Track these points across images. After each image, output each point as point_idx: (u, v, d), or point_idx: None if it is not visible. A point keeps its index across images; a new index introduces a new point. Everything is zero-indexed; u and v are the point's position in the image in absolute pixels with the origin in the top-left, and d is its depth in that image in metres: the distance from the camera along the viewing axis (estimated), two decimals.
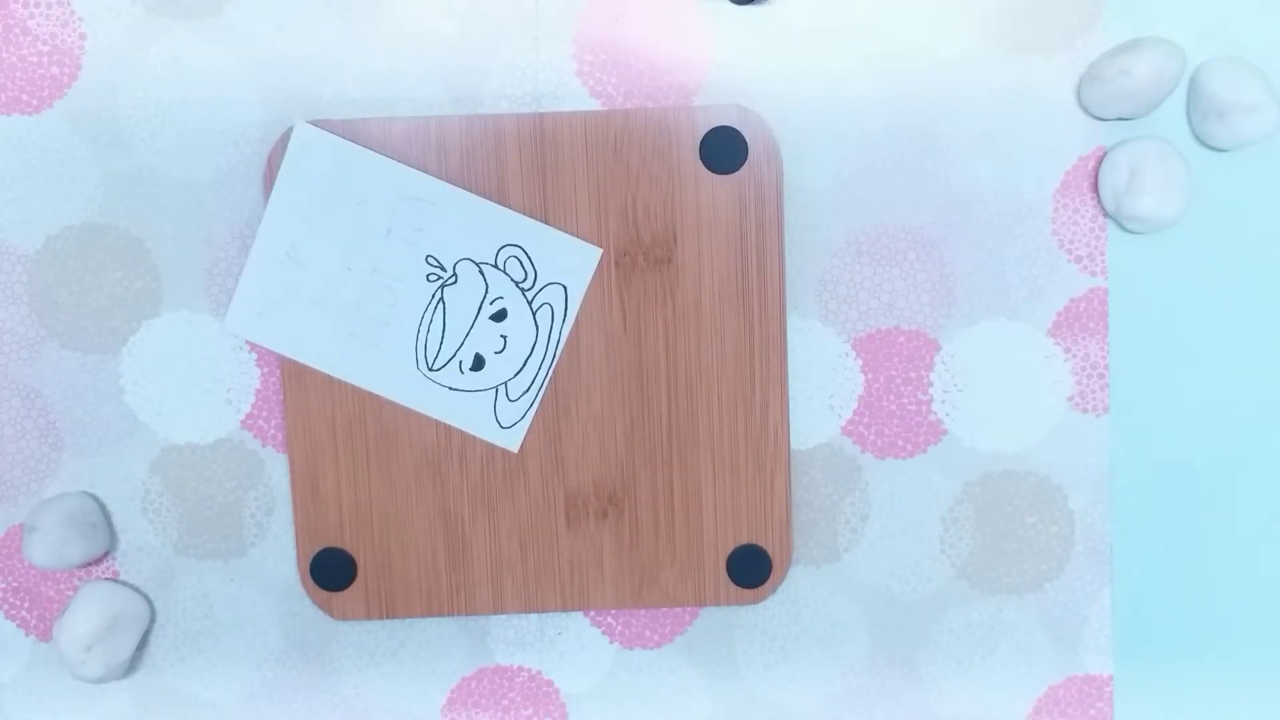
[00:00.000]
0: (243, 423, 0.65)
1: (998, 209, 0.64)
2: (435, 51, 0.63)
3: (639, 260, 0.63)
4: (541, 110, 0.64)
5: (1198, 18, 0.64)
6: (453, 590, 0.65)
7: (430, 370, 0.64)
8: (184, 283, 0.65)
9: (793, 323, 0.65)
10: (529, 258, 0.63)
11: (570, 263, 0.63)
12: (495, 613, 0.66)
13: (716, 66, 0.64)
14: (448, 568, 0.65)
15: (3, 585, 0.66)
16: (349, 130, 0.63)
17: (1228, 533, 0.66)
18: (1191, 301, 0.65)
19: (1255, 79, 0.62)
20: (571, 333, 0.64)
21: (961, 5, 0.63)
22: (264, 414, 0.65)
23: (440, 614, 0.66)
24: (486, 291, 0.63)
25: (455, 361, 0.64)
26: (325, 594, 0.65)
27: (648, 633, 0.67)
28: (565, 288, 0.63)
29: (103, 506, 0.66)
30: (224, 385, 0.65)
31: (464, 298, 0.63)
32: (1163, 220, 0.63)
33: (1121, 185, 0.63)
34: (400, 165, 0.63)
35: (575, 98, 0.64)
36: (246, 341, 0.65)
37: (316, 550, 0.65)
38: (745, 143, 0.63)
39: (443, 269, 0.63)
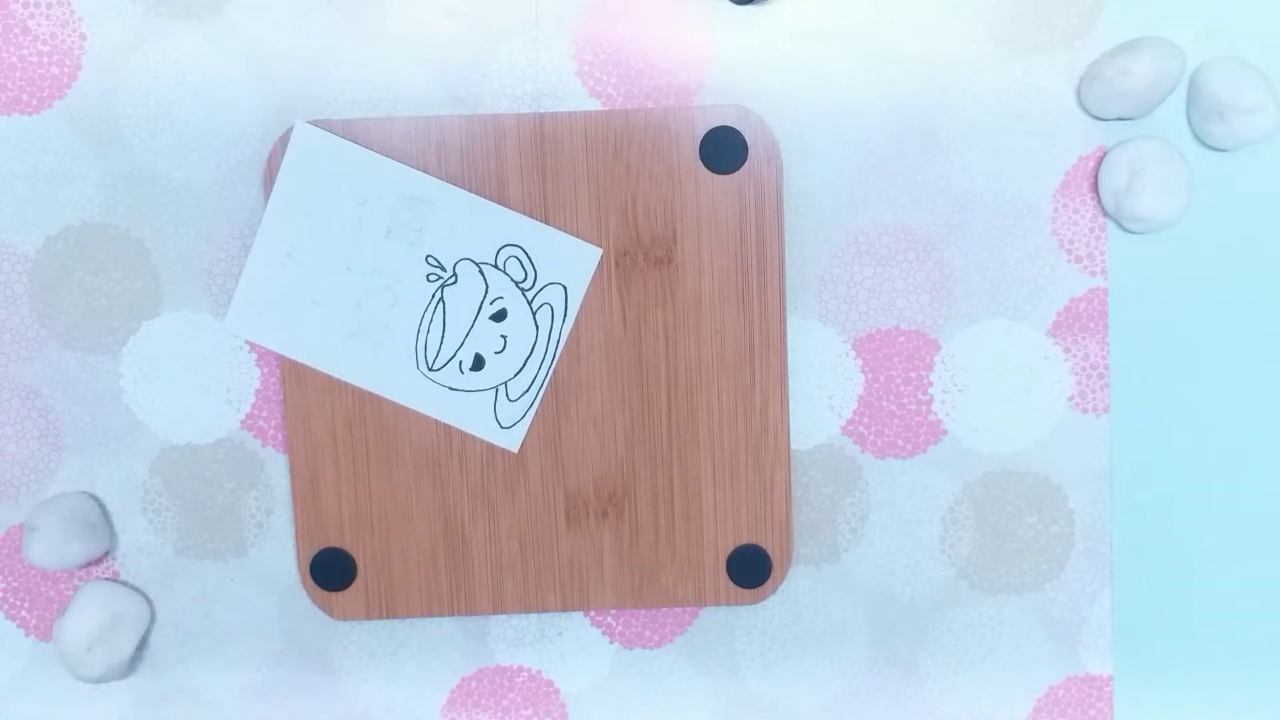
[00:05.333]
0: (243, 423, 0.65)
1: (998, 209, 0.64)
2: (435, 51, 0.63)
3: (639, 260, 0.63)
4: (541, 110, 0.64)
5: (1198, 18, 0.64)
6: (453, 590, 0.65)
7: (430, 370, 0.64)
8: (184, 283, 0.65)
9: (793, 323, 0.65)
10: (529, 258, 0.63)
11: (570, 263, 0.63)
12: (495, 613, 0.66)
13: (716, 66, 0.64)
14: (448, 568, 0.65)
15: (3, 585, 0.66)
16: (349, 130, 0.63)
17: (1228, 533, 0.66)
18: (1191, 301, 0.65)
19: (1255, 79, 0.62)
20: (571, 333, 0.64)
21: (961, 5, 0.63)
22: (264, 414, 0.65)
23: (440, 614, 0.66)
24: (486, 291, 0.63)
25: (455, 361, 0.64)
26: (325, 594, 0.65)
27: (648, 633, 0.67)
28: (565, 288, 0.63)
29: (103, 506, 0.66)
30: (224, 385, 0.65)
31: (464, 298, 0.63)
32: (1163, 220, 0.63)
33: (1121, 185, 0.63)
34: (400, 165, 0.63)
35: (575, 98, 0.64)
36: (246, 341, 0.65)
37: (316, 550, 0.65)
38: (745, 143, 0.63)
39: (443, 269, 0.63)
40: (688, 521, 0.65)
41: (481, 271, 0.63)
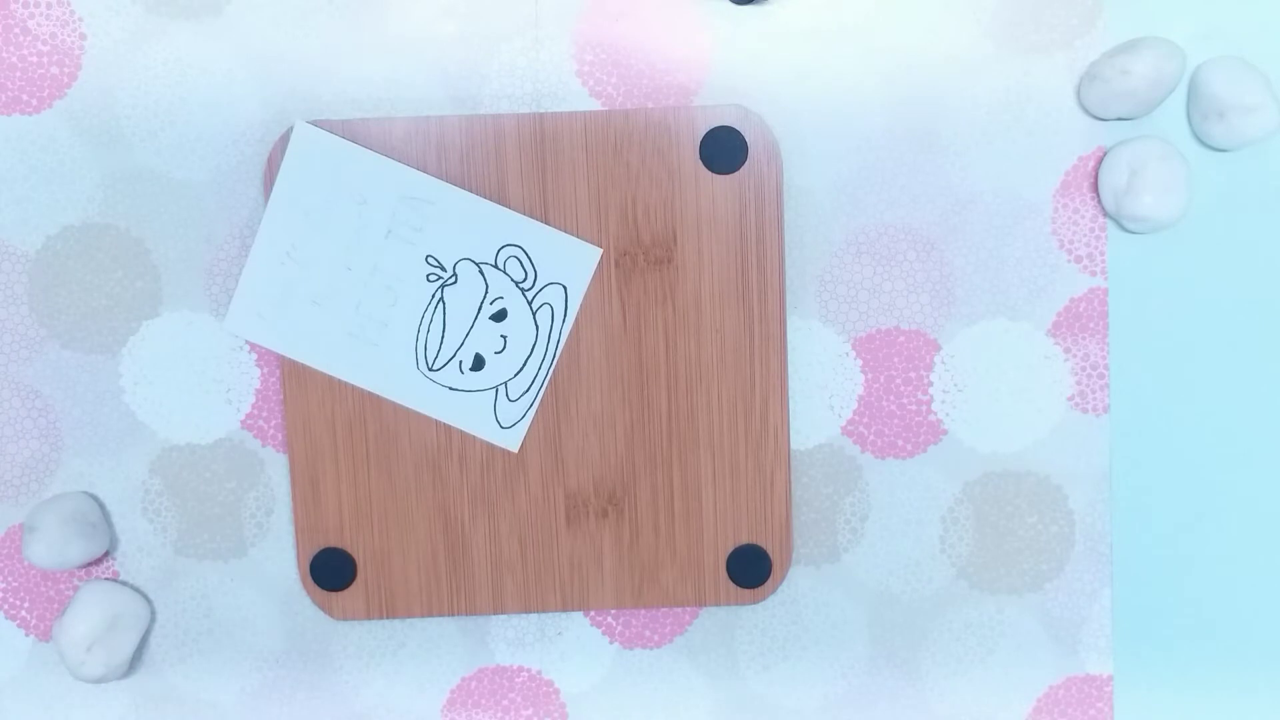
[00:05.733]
0: (243, 423, 0.65)
1: (998, 209, 0.64)
2: (435, 52, 0.63)
3: (639, 260, 0.63)
4: (541, 110, 0.64)
5: (1198, 18, 0.64)
6: (453, 590, 0.65)
7: (430, 370, 0.64)
8: (184, 283, 0.65)
9: (793, 323, 0.65)
10: (529, 258, 0.63)
11: (570, 263, 0.63)
12: (495, 613, 0.66)
13: (716, 66, 0.64)
14: (448, 568, 0.65)
15: (3, 585, 0.66)
16: (349, 130, 0.63)
17: (1228, 533, 0.66)
18: (1191, 301, 0.65)
19: (1255, 79, 0.62)
20: (571, 333, 0.64)
21: (961, 5, 0.63)
22: (264, 414, 0.65)
23: (440, 614, 0.66)
24: (486, 291, 0.63)
25: (455, 361, 0.64)
26: (325, 594, 0.65)
27: (648, 633, 0.67)
28: (565, 288, 0.63)
29: (103, 506, 0.66)
30: (224, 385, 0.65)
31: (464, 298, 0.63)
32: (1163, 220, 0.63)
33: (1121, 185, 0.63)
34: (400, 165, 0.63)
35: (575, 98, 0.64)
36: (246, 341, 0.65)
37: (316, 550, 0.65)
38: (745, 143, 0.63)
39: (443, 269, 0.63)
40: (688, 521, 0.65)
41: (481, 271, 0.63)
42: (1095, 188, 0.64)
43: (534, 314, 0.64)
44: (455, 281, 0.63)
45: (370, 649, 0.67)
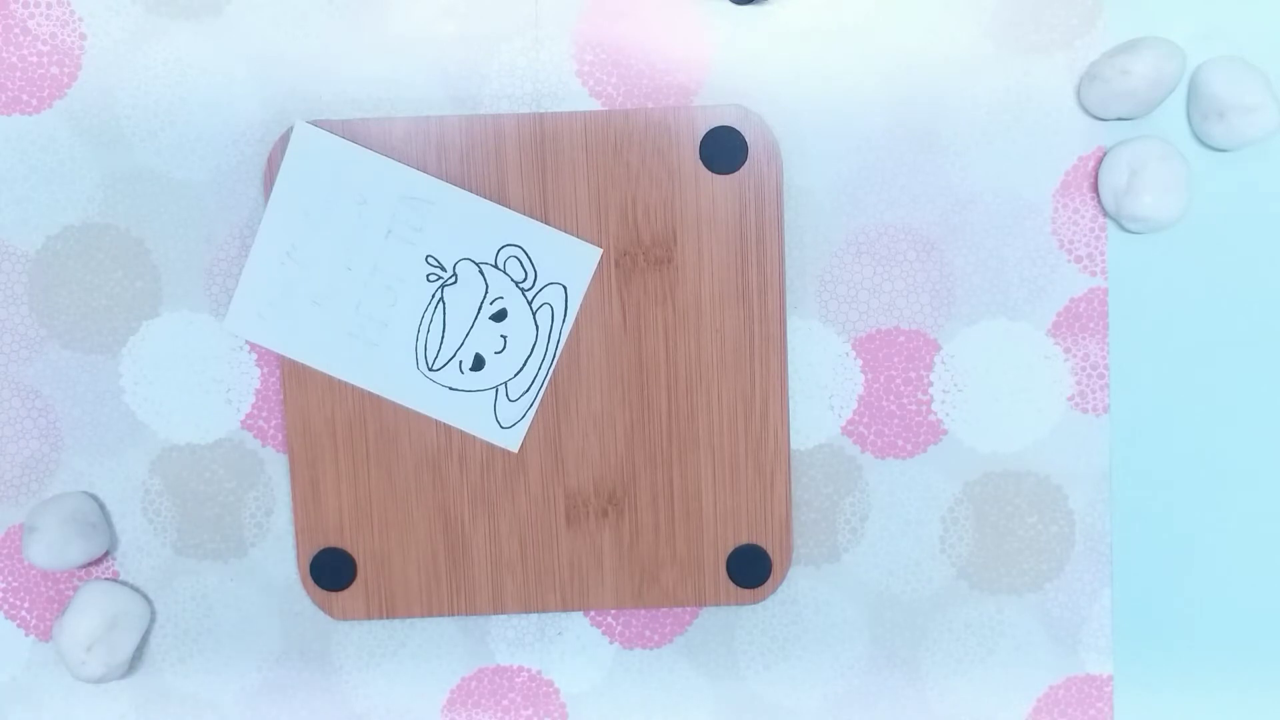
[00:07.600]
0: (243, 423, 0.65)
1: (998, 209, 0.65)
2: (435, 52, 0.63)
3: (639, 260, 0.63)
4: (541, 110, 0.64)
5: (1198, 18, 0.64)
6: (453, 590, 0.65)
7: (430, 370, 0.64)
8: (184, 283, 0.65)
9: (793, 323, 0.65)
10: (529, 258, 0.63)
11: (570, 263, 0.63)
12: (495, 613, 0.66)
13: (716, 66, 0.64)
14: (448, 568, 0.65)
15: (3, 585, 0.66)
16: (349, 130, 0.63)
17: (1228, 533, 0.66)
18: (1191, 301, 0.65)
19: (1255, 79, 0.62)
20: (571, 333, 0.64)
21: (961, 5, 0.63)
22: (264, 414, 0.65)
23: (440, 614, 0.66)
24: (486, 291, 0.63)
25: (455, 361, 0.64)
26: (325, 594, 0.65)
27: (648, 633, 0.67)
28: (565, 288, 0.63)
29: (103, 506, 0.66)
30: (224, 385, 0.65)
31: (464, 298, 0.63)
32: (1163, 220, 0.63)
33: (1121, 185, 0.63)
34: (400, 165, 0.63)
35: (575, 98, 0.64)
36: (246, 341, 0.65)
37: (316, 550, 0.65)
38: (745, 143, 0.63)
39: (443, 269, 0.63)
40: (688, 521, 0.65)
41: (481, 271, 0.63)
42: (1095, 188, 0.64)
43: (534, 314, 0.64)
44: (455, 281, 0.63)
45: (370, 649, 0.67)
